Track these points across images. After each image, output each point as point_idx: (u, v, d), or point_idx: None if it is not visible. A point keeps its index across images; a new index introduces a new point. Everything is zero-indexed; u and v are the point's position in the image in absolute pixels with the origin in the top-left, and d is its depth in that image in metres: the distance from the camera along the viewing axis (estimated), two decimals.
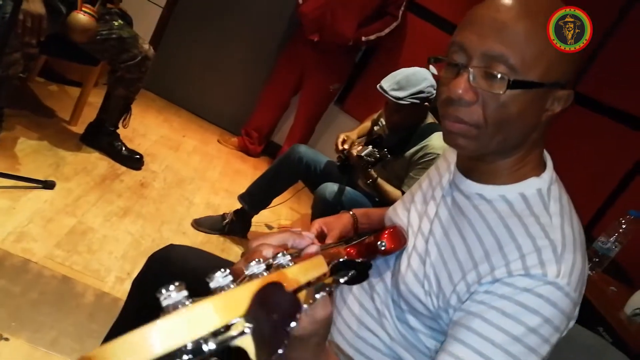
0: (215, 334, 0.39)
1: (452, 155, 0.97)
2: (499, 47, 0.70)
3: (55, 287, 1.60)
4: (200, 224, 2.33)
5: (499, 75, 0.70)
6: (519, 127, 0.75)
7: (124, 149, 2.51)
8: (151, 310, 0.98)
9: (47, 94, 2.86)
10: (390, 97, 2.09)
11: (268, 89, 3.52)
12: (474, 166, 0.84)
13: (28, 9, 1.82)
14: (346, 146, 2.20)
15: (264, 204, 2.40)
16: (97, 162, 2.42)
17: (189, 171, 2.86)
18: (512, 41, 0.70)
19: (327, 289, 0.52)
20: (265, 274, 0.46)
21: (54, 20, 1.98)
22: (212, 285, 0.43)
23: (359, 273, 0.59)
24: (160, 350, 0.36)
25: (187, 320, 0.38)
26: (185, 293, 0.40)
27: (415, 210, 0.94)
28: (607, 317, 1.49)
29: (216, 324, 0.39)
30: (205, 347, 0.38)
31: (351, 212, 1.19)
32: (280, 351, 0.42)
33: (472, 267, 0.76)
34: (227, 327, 0.40)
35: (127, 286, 1.75)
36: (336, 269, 0.56)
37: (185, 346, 0.37)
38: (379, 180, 2.11)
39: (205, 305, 0.39)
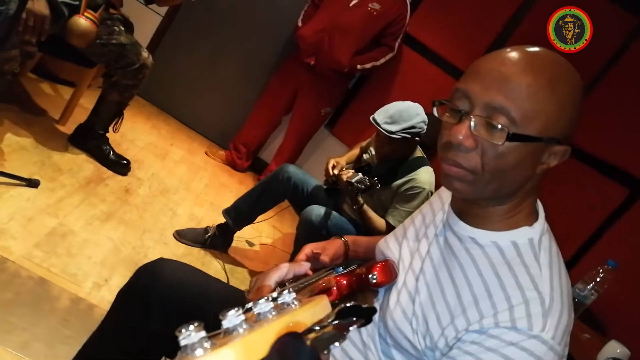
0: None
1: (446, 195, 0.99)
2: (502, 100, 0.73)
3: (30, 289, 1.57)
4: (182, 236, 2.32)
5: (499, 127, 0.73)
6: (514, 177, 0.78)
7: (111, 153, 2.49)
8: (137, 324, 0.98)
9: (38, 91, 2.84)
10: (382, 131, 2.13)
11: (260, 105, 3.54)
12: (468, 209, 0.86)
13: (32, 8, 1.82)
14: (336, 171, 2.22)
15: (248, 220, 2.40)
16: (84, 164, 2.39)
17: (175, 181, 2.85)
18: (515, 95, 0.72)
19: (340, 340, 0.54)
20: (273, 313, 0.48)
21: (55, 22, 1.99)
22: (226, 324, 0.45)
23: (366, 319, 0.61)
24: None
25: None
26: (203, 334, 0.42)
27: (407, 246, 0.96)
28: None
29: None
30: None
31: (343, 239, 1.21)
32: None
33: (460, 312, 0.78)
34: None
35: (104, 293, 1.74)
36: (342, 314, 0.58)
37: None
38: (365, 207, 2.14)
39: (227, 352, 0.41)
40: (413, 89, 3.12)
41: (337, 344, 0.53)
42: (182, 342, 0.41)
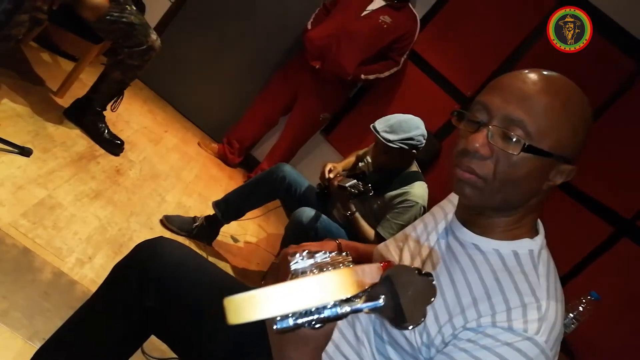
0: (346, 300, 0.45)
1: (449, 206, 1.02)
2: (520, 113, 0.77)
3: (14, 257, 1.54)
4: (170, 222, 2.29)
5: (514, 138, 0.77)
6: (522, 189, 0.81)
7: (106, 131, 2.46)
8: (131, 298, 0.97)
9: (38, 60, 2.79)
10: (380, 138, 2.14)
11: (258, 103, 3.53)
12: (473, 219, 0.88)
13: None
14: (332, 175, 2.22)
15: (237, 215, 2.39)
16: (77, 139, 2.36)
17: (166, 167, 2.82)
18: (532, 111, 0.77)
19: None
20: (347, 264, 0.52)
21: None
22: (319, 258, 0.50)
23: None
24: (302, 305, 0.42)
25: (330, 284, 0.44)
26: (312, 261, 0.46)
27: (408, 250, 0.98)
28: None
29: (352, 291, 0.45)
30: (340, 310, 0.45)
31: (337, 241, 1.21)
32: (411, 328, 0.47)
33: (459, 312, 0.80)
34: (355, 297, 0.46)
35: (86, 270, 1.71)
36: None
37: (326, 305, 0.44)
38: (357, 215, 2.14)
39: (345, 272, 0.45)
40: (413, 105, 3.14)
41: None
42: (293, 267, 0.47)
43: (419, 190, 2.18)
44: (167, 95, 3.70)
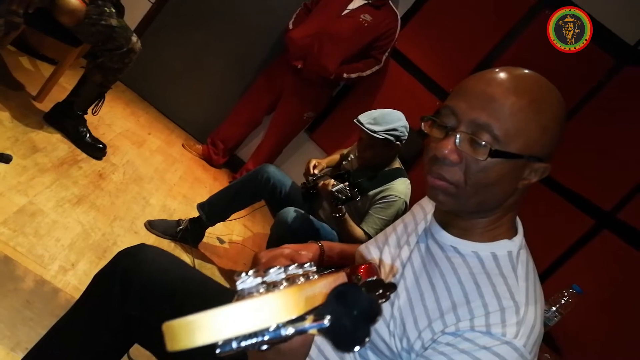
0: (292, 321, 0.43)
1: (428, 205, 1.02)
2: (486, 118, 0.76)
3: None
4: (153, 226, 2.28)
5: (482, 143, 0.76)
6: (496, 192, 0.81)
7: (88, 135, 2.44)
8: (113, 307, 0.96)
9: (17, 65, 2.75)
10: (366, 129, 2.16)
11: (243, 103, 3.52)
12: (451, 221, 0.89)
13: None
14: (316, 171, 2.24)
15: (222, 217, 2.38)
16: (58, 144, 2.33)
17: (150, 170, 2.80)
18: (498, 114, 0.76)
19: (383, 299, 0.56)
20: (301, 279, 0.50)
21: None
22: (268, 279, 0.48)
23: (388, 295, 0.63)
24: (243, 328, 0.41)
25: (275, 304, 0.42)
26: (259, 280, 0.44)
27: (389, 252, 0.98)
28: None
29: (297, 311, 0.43)
30: (284, 331, 0.43)
31: (320, 243, 1.21)
32: (357, 349, 0.46)
33: (438, 316, 0.80)
34: (302, 317, 0.44)
35: (69, 278, 1.69)
36: (367, 287, 0.61)
37: (268, 328, 0.42)
38: (346, 216, 2.14)
39: (291, 292, 0.43)
40: (395, 103, 3.13)
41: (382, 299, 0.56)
42: (240, 286, 0.45)
43: (401, 187, 2.20)
44: (150, 97, 3.67)
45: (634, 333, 2.11)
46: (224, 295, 1.01)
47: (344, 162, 2.49)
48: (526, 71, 0.81)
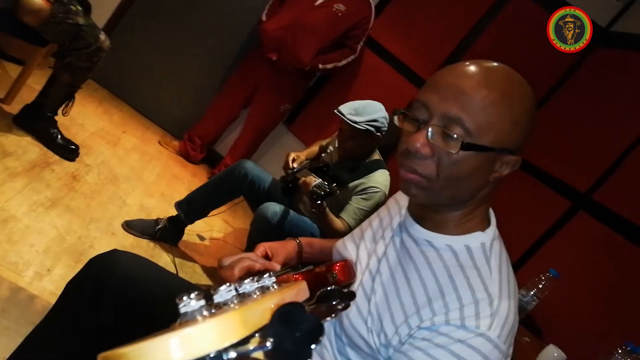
0: (235, 344, 0.42)
1: (403, 199, 1.02)
2: (457, 111, 0.76)
3: None
4: (131, 227, 2.25)
5: (454, 136, 0.76)
6: (468, 185, 0.82)
7: (59, 137, 2.39)
8: (86, 315, 0.95)
9: None
10: (347, 120, 2.16)
11: (219, 98, 3.49)
12: (425, 214, 0.89)
13: None
14: (295, 165, 2.23)
15: (201, 214, 2.36)
16: (29, 146, 2.28)
17: (125, 169, 2.76)
18: (469, 107, 0.76)
19: (333, 315, 0.56)
20: (257, 294, 0.49)
21: None
22: (217, 299, 0.46)
23: (347, 303, 0.62)
24: (182, 357, 0.39)
25: (213, 330, 0.41)
26: (202, 302, 0.43)
27: (365, 248, 0.98)
28: None
29: (238, 335, 0.42)
30: (225, 357, 0.41)
31: (297, 240, 1.20)
32: None
33: (414, 312, 0.81)
34: (246, 340, 0.43)
35: (45, 283, 1.66)
36: (323, 297, 0.59)
37: (209, 355, 0.40)
38: (327, 210, 2.13)
39: (230, 316, 0.42)
40: (372, 92, 3.16)
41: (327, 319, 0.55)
42: (182, 310, 0.43)
43: (380, 178, 2.21)
44: (123, 94, 3.60)
45: (610, 313, 2.16)
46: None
47: (322, 155, 2.49)
48: (497, 64, 0.81)
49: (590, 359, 1.68)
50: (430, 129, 0.77)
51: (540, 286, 1.81)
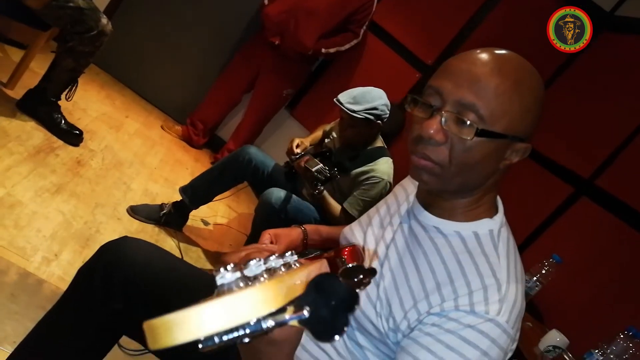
0: (272, 313, 0.44)
1: (410, 186, 1.03)
2: (472, 97, 0.77)
3: None
4: (136, 212, 2.26)
5: (468, 122, 0.77)
6: (479, 172, 0.82)
7: (63, 122, 2.38)
8: (97, 302, 0.96)
9: None
10: (346, 109, 2.14)
11: (221, 82, 3.47)
12: (433, 201, 0.90)
13: None
14: (299, 150, 2.23)
15: (205, 200, 2.37)
16: (33, 132, 2.28)
17: (129, 154, 2.76)
18: (483, 94, 0.77)
19: (363, 285, 0.57)
20: (283, 270, 0.51)
21: None
22: (248, 272, 0.48)
23: (369, 279, 0.64)
24: (226, 322, 0.41)
25: (254, 297, 0.43)
26: (238, 274, 0.45)
27: (372, 234, 0.99)
28: (523, 351, 1.61)
29: (277, 304, 0.44)
30: (264, 324, 0.44)
31: (302, 227, 1.21)
32: (337, 338, 0.47)
33: (423, 297, 0.82)
34: (282, 309, 0.46)
35: (53, 268, 1.68)
36: (347, 273, 0.61)
37: (249, 322, 0.43)
38: (325, 193, 2.15)
39: (269, 285, 0.44)
40: (375, 76, 3.14)
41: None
42: (219, 282, 0.46)
43: (384, 167, 2.20)
44: (125, 79, 3.59)
45: (612, 298, 2.18)
46: (210, 284, 1.01)
47: (326, 140, 2.49)
48: (509, 52, 0.82)
49: (593, 343, 1.70)
50: (444, 115, 0.78)
51: (543, 272, 1.82)
